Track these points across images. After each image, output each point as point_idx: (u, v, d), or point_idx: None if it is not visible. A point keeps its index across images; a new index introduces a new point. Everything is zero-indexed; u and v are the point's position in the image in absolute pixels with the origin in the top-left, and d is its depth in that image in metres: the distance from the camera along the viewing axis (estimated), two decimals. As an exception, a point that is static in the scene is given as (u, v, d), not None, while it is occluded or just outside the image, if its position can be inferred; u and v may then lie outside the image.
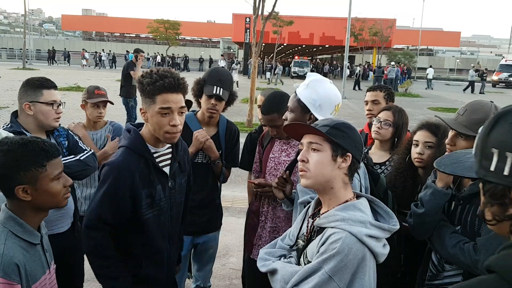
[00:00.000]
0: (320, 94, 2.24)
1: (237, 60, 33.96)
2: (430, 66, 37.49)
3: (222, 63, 34.86)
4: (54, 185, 1.72)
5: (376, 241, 1.54)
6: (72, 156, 2.77)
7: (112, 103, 3.70)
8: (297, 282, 1.56)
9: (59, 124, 2.81)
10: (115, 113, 11.38)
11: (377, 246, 1.54)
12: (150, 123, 2.09)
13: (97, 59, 45.85)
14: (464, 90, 31.38)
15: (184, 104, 2.10)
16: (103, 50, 49.49)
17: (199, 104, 3.11)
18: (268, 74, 35.34)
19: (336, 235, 1.52)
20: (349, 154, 1.63)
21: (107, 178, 2.06)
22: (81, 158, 2.76)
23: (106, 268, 2.09)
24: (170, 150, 2.27)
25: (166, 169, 2.24)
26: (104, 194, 2.05)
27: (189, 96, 3.12)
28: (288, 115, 2.35)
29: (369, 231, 1.52)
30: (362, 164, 2.03)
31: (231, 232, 5.33)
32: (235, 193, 6.81)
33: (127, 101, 9.91)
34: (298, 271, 1.58)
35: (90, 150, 2.92)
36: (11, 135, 2.21)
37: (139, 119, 9.82)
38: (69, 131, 2.99)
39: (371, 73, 39.27)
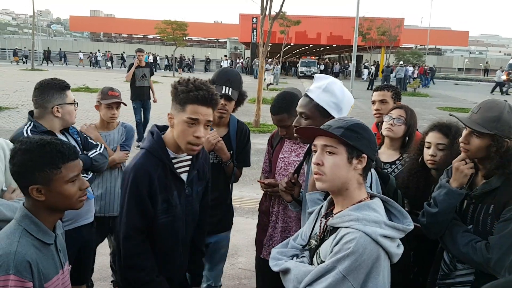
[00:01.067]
0: (340, 96, 2.16)
1: (271, 60, 32.83)
2: (410, 64, 37.50)
3: (225, 64, 34.78)
4: (68, 187, 1.74)
5: (390, 241, 1.54)
6: (94, 150, 3.03)
7: (125, 105, 3.73)
8: (310, 281, 1.56)
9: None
10: (124, 113, 11.42)
11: (392, 246, 1.54)
12: (176, 130, 2.10)
13: (93, 59, 46.07)
14: (492, 91, 30.36)
15: (211, 119, 2.11)
16: (98, 50, 49.73)
17: None
18: (265, 74, 34.54)
19: (350, 235, 1.52)
20: (364, 155, 1.63)
21: (127, 181, 2.11)
22: (101, 151, 3.05)
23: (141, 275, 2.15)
24: (190, 157, 2.28)
25: (184, 176, 2.25)
26: (128, 198, 2.11)
27: None
28: (302, 122, 2.20)
29: (383, 231, 1.52)
30: (373, 171, 2.00)
31: (240, 232, 5.33)
32: (243, 193, 6.82)
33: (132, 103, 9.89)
34: (311, 270, 1.58)
35: (101, 145, 3.18)
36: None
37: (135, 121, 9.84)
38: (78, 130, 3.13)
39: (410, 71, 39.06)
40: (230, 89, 2.95)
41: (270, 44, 16.15)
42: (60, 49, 51.85)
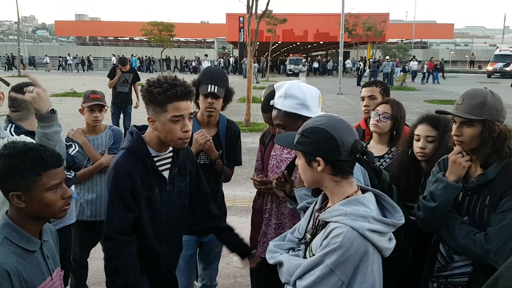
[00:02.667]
0: (301, 96, 2.25)
1: (304, 61, 31.91)
2: (415, 59, 36.70)
3: (205, 64, 33.81)
4: (49, 195, 1.69)
5: (379, 236, 1.55)
6: (73, 148, 3.07)
7: (107, 107, 3.71)
8: (300, 274, 1.59)
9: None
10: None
11: (381, 241, 1.55)
12: (161, 131, 2.12)
13: (63, 63, 45.66)
14: None
15: (192, 110, 2.15)
16: (68, 54, 49.43)
17: (197, 105, 3.12)
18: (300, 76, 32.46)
19: (338, 229, 1.54)
20: (318, 158, 1.64)
21: (109, 178, 2.14)
22: (78, 149, 3.07)
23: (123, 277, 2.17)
24: (171, 154, 2.30)
25: (166, 173, 2.28)
26: (110, 198, 2.14)
27: None
28: (282, 132, 2.28)
29: (371, 226, 1.53)
30: (357, 166, 2.02)
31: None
32: (236, 192, 6.83)
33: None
34: (302, 264, 1.61)
35: (75, 144, 3.27)
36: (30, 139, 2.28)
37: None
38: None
39: (397, 70, 37.64)
40: (216, 86, 2.95)
41: (258, 43, 16.17)
42: (29, 54, 51.33)
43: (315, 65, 46.30)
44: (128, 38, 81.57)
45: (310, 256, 1.65)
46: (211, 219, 2.64)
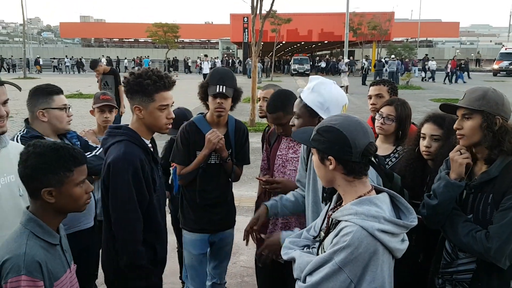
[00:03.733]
0: (326, 96, 2.23)
1: (346, 60, 31.18)
2: (433, 58, 35.83)
3: (205, 64, 33.05)
4: (77, 190, 1.80)
5: (390, 236, 1.55)
6: (89, 153, 2.94)
7: (117, 108, 3.76)
8: (310, 271, 1.61)
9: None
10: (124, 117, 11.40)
11: (391, 242, 1.55)
12: (147, 118, 2.33)
13: (59, 64, 45.99)
14: None
15: (173, 99, 2.39)
16: (66, 56, 49.92)
17: (207, 107, 3.15)
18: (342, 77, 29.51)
19: (348, 228, 1.55)
20: (330, 157, 1.66)
21: (120, 170, 2.21)
22: (97, 154, 2.96)
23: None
24: (150, 144, 2.47)
25: None
26: (125, 188, 2.22)
27: (196, 100, 3.15)
28: (295, 121, 2.32)
29: (381, 226, 1.53)
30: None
31: (240, 231, 5.31)
32: (241, 192, 6.84)
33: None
34: (313, 260, 1.63)
35: (99, 147, 3.10)
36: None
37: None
38: (78, 134, 3.12)
39: (415, 68, 36.97)
40: (224, 87, 2.98)
41: (262, 43, 16.17)
42: (12, 56, 51.67)
43: (323, 64, 45.31)
44: (133, 40, 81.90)
45: (322, 254, 1.66)
46: None
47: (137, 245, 2.27)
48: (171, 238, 3.33)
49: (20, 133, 2.75)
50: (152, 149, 2.46)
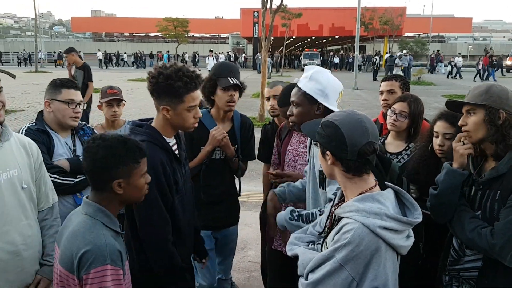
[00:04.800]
0: (325, 83, 2.30)
1: (399, 53, 30.98)
2: (459, 54, 34.43)
3: (211, 60, 31.56)
4: (142, 180, 1.87)
5: (393, 233, 1.53)
6: None
7: (124, 101, 3.75)
8: (312, 268, 1.60)
9: (78, 124, 2.91)
10: (128, 112, 11.47)
11: (394, 238, 1.53)
12: (175, 119, 2.26)
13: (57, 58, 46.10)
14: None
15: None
16: (99, 49, 49.85)
17: (209, 102, 3.11)
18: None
19: (349, 225, 1.54)
20: (327, 152, 1.67)
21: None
22: None
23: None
24: (175, 140, 2.41)
25: None
26: (151, 192, 2.11)
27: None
28: (294, 110, 2.36)
29: (383, 223, 1.52)
30: None
31: (248, 226, 5.37)
32: (250, 187, 6.85)
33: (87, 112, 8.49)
34: (315, 257, 1.62)
35: None
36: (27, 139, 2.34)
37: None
38: (95, 131, 3.09)
39: (441, 65, 36.12)
40: (235, 79, 2.96)
41: (272, 38, 16.12)
42: (24, 49, 51.99)
43: (336, 60, 44.41)
44: (143, 34, 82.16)
45: (324, 251, 1.65)
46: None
47: (168, 245, 2.23)
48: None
49: (28, 125, 2.78)
50: (177, 146, 2.41)
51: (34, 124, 2.79)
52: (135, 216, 2.22)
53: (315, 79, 2.31)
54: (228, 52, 49.10)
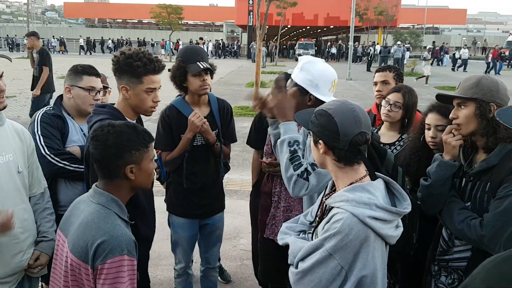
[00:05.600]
0: (314, 73, 2.31)
1: (430, 46, 29.73)
2: (465, 46, 33.40)
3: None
4: (151, 165, 1.89)
5: (382, 223, 1.55)
6: None
7: (110, 88, 3.64)
8: (302, 257, 1.62)
9: None
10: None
11: (383, 228, 1.55)
12: (133, 99, 2.36)
13: (49, 45, 45.61)
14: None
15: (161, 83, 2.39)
16: (53, 36, 49.91)
17: (182, 90, 3.06)
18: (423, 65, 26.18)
19: (338, 215, 1.55)
20: (320, 141, 1.67)
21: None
22: None
23: None
24: (134, 122, 2.43)
25: None
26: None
27: (169, 84, 3.06)
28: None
29: (373, 213, 1.53)
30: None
31: (241, 215, 5.39)
32: (243, 176, 6.86)
33: (45, 98, 8.49)
34: (304, 246, 1.63)
35: None
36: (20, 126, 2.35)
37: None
38: None
39: (446, 57, 35.46)
40: (204, 62, 2.92)
41: (267, 27, 16.03)
42: (7, 35, 51.42)
43: (333, 50, 43.60)
44: (136, 21, 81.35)
45: (314, 240, 1.67)
46: None
47: None
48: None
49: (45, 109, 2.80)
50: None
51: (51, 108, 2.80)
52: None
53: (306, 70, 2.33)
54: (218, 40, 48.66)
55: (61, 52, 44.55)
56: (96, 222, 1.74)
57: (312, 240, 1.73)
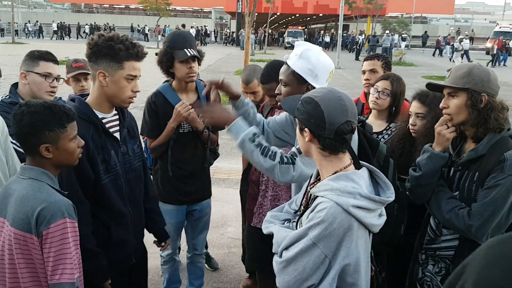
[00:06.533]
0: (315, 63, 2.17)
1: (461, 36, 28.53)
2: (467, 35, 32.42)
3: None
4: (71, 145, 1.89)
5: (366, 212, 1.55)
6: None
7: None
8: (286, 246, 1.62)
9: (54, 98, 2.82)
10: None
11: (367, 217, 1.55)
12: (111, 87, 2.16)
13: (26, 30, 45.47)
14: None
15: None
16: (29, 21, 49.28)
17: (169, 75, 3.03)
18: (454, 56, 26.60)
19: (322, 204, 1.55)
20: (306, 129, 1.66)
21: None
22: None
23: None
24: (117, 116, 2.33)
25: (117, 135, 2.31)
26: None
27: (157, 70, 3.02)
28: (282, 89, 2.24)
29: (356, 202, 1.53)
30: (355, 138, 2.00)
31: (229, 203, 5.40)
32: (231, 165, 6.85)
33: None
34: (289, 235, 1.63)
35: None
36: None
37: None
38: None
39: (447, 47, 34.84)
40: (192, 49, 2.88)
41: (256, 14, 15.92)
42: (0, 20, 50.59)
43: (327, 39, 42.52)
44: (123, 6, 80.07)
45: (298, 229, 1.67)
46: (148, 200, 2.60)
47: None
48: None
49: (1, 97, 2.70)
50: (119, 123, 2.32)
51: (7, 96, 2.70)
52: None
53: (305, 58, 2.17)
54: (198, 27, 47.93)
55: (57, 38, 44.06)
56: (32, 193, 1.78)
57: (296, 229, 1.73)
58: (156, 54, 2.96)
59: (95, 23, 49.50)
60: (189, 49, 2.86)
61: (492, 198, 1.96)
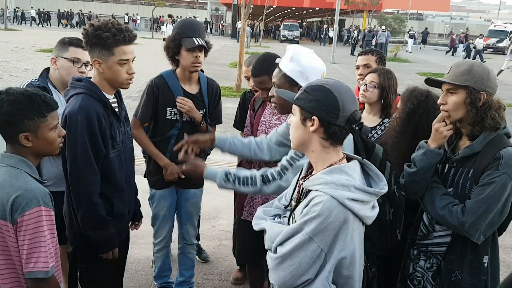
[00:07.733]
0: (305, 65, 2.21)
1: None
2: (481, 35, 31.42)
3: (169, 27, 26.05)
4: (51, 134, 1.89)
5: (360, 205, 1.55)
6: None
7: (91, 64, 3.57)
8: (280, 241, 1.60)
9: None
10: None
11: (361, 209, 1.55)
12: (107, 73, 2.29)
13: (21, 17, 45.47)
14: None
15: (135, 54, 2.35)
16: (17, 7, 49.35)
17: (174, 62, 3.04)
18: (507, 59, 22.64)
19: (318, 198, 1.54)
20: (314, 117, 1.61)
21: (76, 122, 2.20)
22: None
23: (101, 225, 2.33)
24: (115, 99, 2.44)
25: None
26: (81, 141, 2.22)
27: (163, 57, 3.04)
28: (274, 92, 2.27)
29: (352, 195, 1.53)
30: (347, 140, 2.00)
31: (221, 196, 5.39)
32: (224, 157, 6.82)
33: None
34: (283, 231, 1.62)
35: None
36: None
37: None
38: None
39: (461, 46, 34.26)
40: (200, 39, 2.88)
41: (252, 6, 15.83)
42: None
43: (331, 34, 39.49)
44: (119, -5, 79.22)
45: (293, 223, 1.66)
46: None
47: (92, 196, 2.27)
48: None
49: (30, 80, 2.76)
50: (118, 104, 2.45)
51: (36, 80, 2.75)
52: (67, 163, 2.26)
53: (296, 60, 2.21)
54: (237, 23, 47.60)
55: (65, 25, 44.36)
56: (8, 181, 1.78)
57: (288, 224, 1.72)
58: (164, 39, 2.99)
59: (80, 10, 49.43)
60: (197, 38, 2.87)
61: (487, 196, 1.96)
